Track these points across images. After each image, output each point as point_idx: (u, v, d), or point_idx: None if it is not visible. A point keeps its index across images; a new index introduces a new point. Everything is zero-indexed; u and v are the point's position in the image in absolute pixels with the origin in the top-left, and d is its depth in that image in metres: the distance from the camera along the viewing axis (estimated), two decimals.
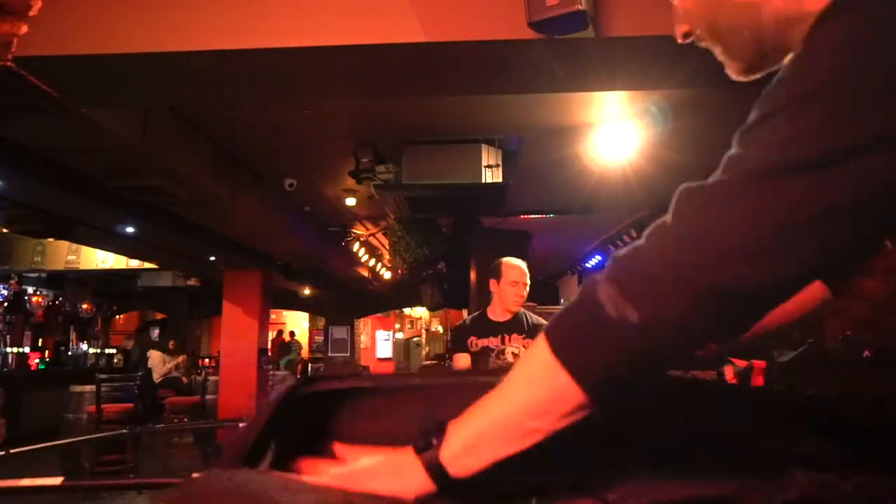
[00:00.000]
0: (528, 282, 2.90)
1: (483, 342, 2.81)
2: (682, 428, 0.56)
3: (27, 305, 9.36)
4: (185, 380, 7.60)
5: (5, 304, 9.13)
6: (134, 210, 4.67)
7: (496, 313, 2.90)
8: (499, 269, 2.92)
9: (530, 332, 2.83)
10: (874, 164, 0.41)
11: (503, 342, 2.79)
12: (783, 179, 0.43)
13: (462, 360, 2.90)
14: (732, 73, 0.62)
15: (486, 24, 2.24)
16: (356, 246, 7.36)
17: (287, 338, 12.74)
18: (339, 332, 11.54)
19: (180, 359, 7.64)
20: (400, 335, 15.96)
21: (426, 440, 0.51)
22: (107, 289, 10.67)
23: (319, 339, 12.48)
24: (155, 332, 11.88)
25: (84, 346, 10.76)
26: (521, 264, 2.93)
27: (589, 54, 2.29)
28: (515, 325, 2.87)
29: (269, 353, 10.44)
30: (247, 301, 7.21)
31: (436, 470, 0.50)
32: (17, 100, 2.60)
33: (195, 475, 0.55)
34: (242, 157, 4.75)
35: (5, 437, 6.86)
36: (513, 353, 2.75)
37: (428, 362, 9.37)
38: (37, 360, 9.29)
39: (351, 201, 5.74)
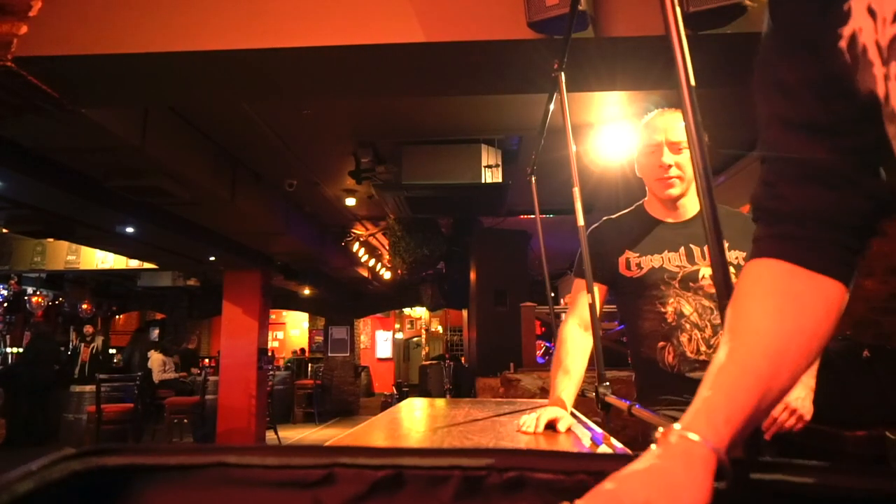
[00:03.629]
0: (684, 138, 1.50)
1: (650, 260, 1.58)
2: None
3: (27, 305, 9.36)
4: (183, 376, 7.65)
5: (5, 304, 9.13)
6: (134, 210, 4.66)
7: (660, 210, 1.64)
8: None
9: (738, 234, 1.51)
10: None
11: (692, 258, 1.55)
12: None
13: (583, 301, 1.62)
14: None
15: (486, 24, 2.24)
16: (356, 246, 7.37)
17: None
18: (339, 333, 11.53)
19: (182, 374, 7.69)
20: (400, 335, 15.97)
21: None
22: (106, 289, 10.67)
23: (319, 339, 12.46)
24: (155, 333, 11.89)
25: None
26: (668, 113, 1.61)
27: (589, 54, 2.30)
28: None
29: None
30: (247, 301, 7.21)
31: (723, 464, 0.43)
32: (17, 100, 2.60)
33: None
34: (242, 157, 4.75)
35: (5, 437, 6.87)
36: (714, 276, 1.46)
37: (428, 362, 9.37)
38: None
39: (351, 201, 5.75)
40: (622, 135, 3.89)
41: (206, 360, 10.04)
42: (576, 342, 1.60)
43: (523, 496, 0.41)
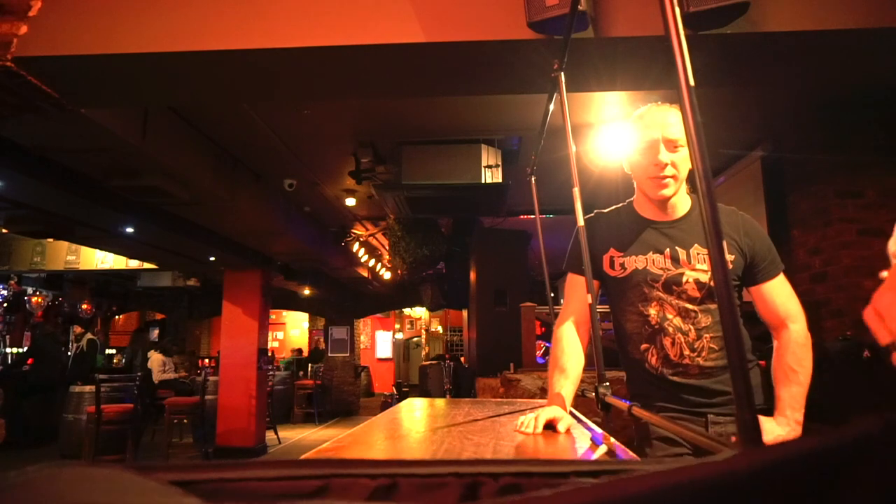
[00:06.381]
0: (682, 136, 1.44)
1: (634, 261, 1.55)
2: None
3: (27, 306, 9.36)
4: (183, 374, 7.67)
5: (5, 304, 9.14)
6: (134, 210, 4.66)
7: (649, 209, 1.60)
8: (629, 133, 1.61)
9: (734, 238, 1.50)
10: None
11: (676, 261, 1.51)
12: None
13: (576, 298, 1.61)
14: None
15: (486, 24, 2.24)
16: (356, 246, 7.37)
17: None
18: (339, 333, 11.54)
19: (182, 373, 7.70)
20: (400, 335, 15.98)
21: None
22: (106, 289, 10.67)
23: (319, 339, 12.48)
24: (154, 333, 11.89)
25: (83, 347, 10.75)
26: (663, 108, 1.53)
27: (589, 54, 2.30)
28: (696, 228, 1.53)
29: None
30: (247, 301, 7.22)
31: None
32: (17, 100, 2.60)
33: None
34: (242, 157, 4.75)
35: (5, 438, 6.87)
36: (697, 280, 1.49)
37: (428, 362, 9.37)
38: None
39: (351, 201, 5.75)
40: (622, 135, 3.88)
41: (206, 360, 10.04)
42: (571, 341, 1.58)
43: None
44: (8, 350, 9.24)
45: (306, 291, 9.84)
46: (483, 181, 4.16)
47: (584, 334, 1.61)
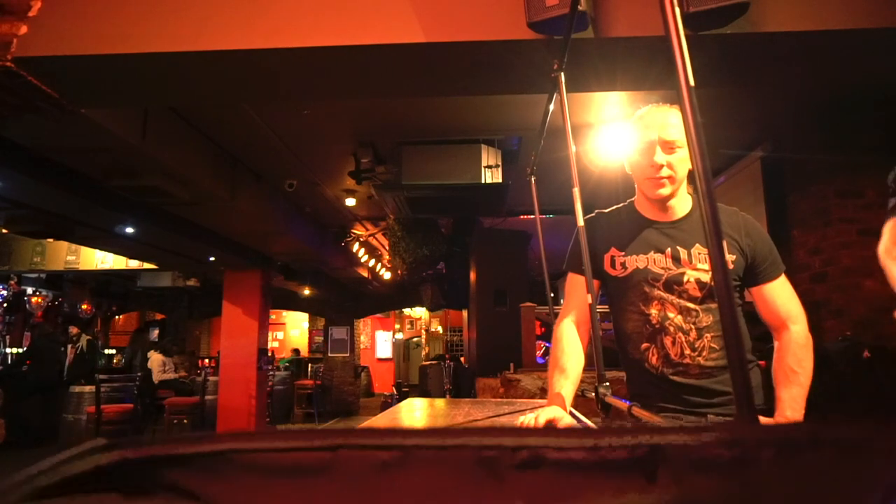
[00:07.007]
0: (680, 137, 1.46)
1: (634, 261, 1.56)
2: None
3: (27, 306, 9.36)
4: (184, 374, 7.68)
5: (5, 304, 9.13)
6: (134, 210, 4.66)
7: (649, 209, 1.60)
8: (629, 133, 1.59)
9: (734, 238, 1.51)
10: None
11: (678, 261, 1.52)
12: None
13: (576, 297, 1.62)
14: None
15: (486, 24, 2.24)
16: (356, 246, 7.37)
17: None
18: (339, 333, 11.53)
19: (182, 373, 7.71)
20: (400, 335, 15.98)
21: None
22: (106, 289, 10.67)
23: (319, 339, 12.47)
24: (154, 333, 11.89)
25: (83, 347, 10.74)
26: (663, 109, 1.52)
27: (589, 54, 2.30)
28: (697, 228, 1.54)
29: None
30: (247, 301, 7.22)
31: None
32: (17, 100, 2.60)
33: None
34: (242, 157, 4.75)
35: (5, 438, 6.87)
36: (699, 280, 1.49)
37: (428, 362, 9.37)
38: None
39: (351, 201, 5.75)
40: (622, 135, 3.88)
41: (206, 361, 10.04)
42: (571, 341, 1.58)
43: (539, 474, 0.40)
44: (8, 350, 9.24)
45: (306, 291, 9.84)
46: (483, 181, 4.16)
47: (584, 334, 1.61)
